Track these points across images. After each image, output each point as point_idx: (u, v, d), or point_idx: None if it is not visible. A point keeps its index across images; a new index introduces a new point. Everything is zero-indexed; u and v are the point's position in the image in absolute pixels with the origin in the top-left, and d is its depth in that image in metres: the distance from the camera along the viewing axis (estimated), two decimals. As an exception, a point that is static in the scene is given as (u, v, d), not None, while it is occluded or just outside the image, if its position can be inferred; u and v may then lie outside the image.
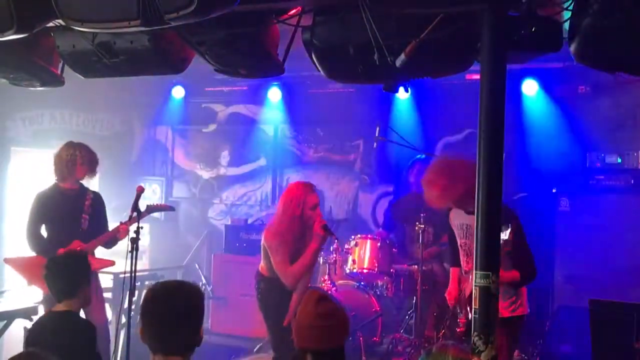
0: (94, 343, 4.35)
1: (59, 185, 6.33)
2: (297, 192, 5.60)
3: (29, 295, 6.60)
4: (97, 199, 6.47)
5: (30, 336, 4.28)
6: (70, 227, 6.26)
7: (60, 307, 4.37)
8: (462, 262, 5.37)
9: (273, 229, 5.63)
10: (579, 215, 7.56)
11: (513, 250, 4.74)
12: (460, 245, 5.37)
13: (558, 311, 7.57)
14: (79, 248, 6.07)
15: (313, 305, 3.40)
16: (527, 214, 5.02)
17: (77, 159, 6.27)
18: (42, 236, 6.28)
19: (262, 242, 5.67)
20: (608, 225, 7.21)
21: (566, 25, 3.94)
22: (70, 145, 6.34)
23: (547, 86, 8.03)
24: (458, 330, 5.53)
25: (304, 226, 5.56)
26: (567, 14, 3.93)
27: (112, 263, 6.36)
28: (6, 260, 6.41)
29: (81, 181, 6.42)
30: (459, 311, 5.49)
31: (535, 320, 6.83)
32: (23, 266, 6.27)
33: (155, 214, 9.85)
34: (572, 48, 3.89)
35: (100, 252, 6.40)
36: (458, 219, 5.37)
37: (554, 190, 7.74)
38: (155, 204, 6.75)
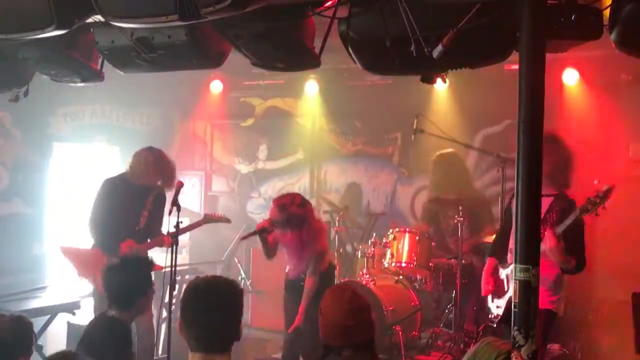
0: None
1: (129, 177, 6.40)
2: None
3: (71, 289, 6.70)
4: (160, 196, 6.51)
5: (86, 338, 4.32)
6: (128, 221, 6.35)
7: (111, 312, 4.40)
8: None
9: None
10: (621, 207, 7.44)
11: (570, 237, 4.84)
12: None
13: (600, 304, 7.47)
14: (129, 248, 6.14)
15: (339, 303, 3.45)
16: (569, 206, 4.98)
17: (166, 168, 6.36)
18: (103, 225, 6.31)
19: None
20: (651, 217, 7.10)
21: (607, 13, 3.87)
22: (159, 154, 6.48)
23: (587, 75, 7.90)
24: (492, 317, 5.53)
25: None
26: (607, 1, 3.86)
27: (160, 268, 6.44)
28: (62, 249, 6.48)
29: None
30: (491, 300, 5.51)
31: (577, 313, 6.75)
32: (78, 257, 6.34)
33: (195, 209, 9.98)
34: (613, 36, 3.83)
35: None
36: None
37: (595, 182, 7.62)
38: (212, 214, 7.10)
